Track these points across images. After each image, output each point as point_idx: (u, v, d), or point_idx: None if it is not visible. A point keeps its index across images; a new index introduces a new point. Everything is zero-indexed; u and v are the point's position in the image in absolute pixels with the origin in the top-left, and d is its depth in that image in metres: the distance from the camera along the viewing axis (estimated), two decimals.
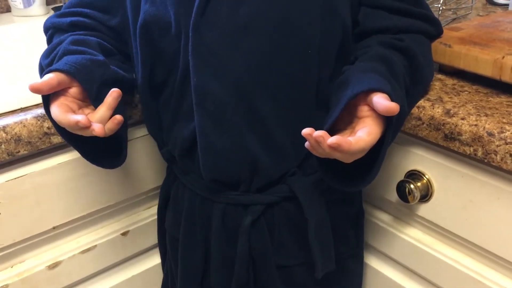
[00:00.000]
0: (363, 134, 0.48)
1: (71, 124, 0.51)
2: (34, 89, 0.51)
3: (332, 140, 0.46)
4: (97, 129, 0.51)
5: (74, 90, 0.55)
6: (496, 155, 0.54)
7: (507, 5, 0.99)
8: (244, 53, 0.56)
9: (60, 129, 0.55)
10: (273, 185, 0.63)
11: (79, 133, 0.53)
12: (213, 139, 0.59)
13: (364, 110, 0.50)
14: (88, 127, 0.50)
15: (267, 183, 0.63)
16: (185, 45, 0.58)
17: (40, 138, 0.62)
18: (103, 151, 0.60)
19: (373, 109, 0.49)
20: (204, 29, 0.55)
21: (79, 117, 0.50)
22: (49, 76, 0.52)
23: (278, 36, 0.56)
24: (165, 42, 0.60)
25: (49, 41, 0.68)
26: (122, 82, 0.61)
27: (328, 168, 0.56)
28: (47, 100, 0.54)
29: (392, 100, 0.48)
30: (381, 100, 0.47)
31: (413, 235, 0.71)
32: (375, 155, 0.52)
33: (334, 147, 0.46)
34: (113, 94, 0.54)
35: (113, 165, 0.61)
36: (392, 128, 0.50)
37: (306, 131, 0.47)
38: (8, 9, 1.08)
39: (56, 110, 0.52)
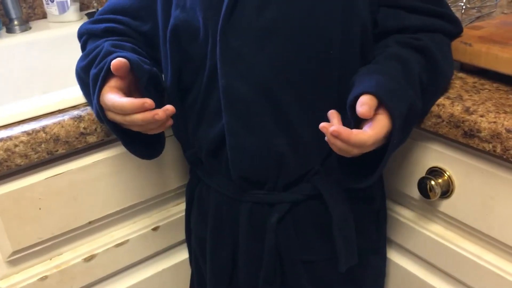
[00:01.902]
0: (366, 128, 0.52)
1: (136, 105, 0.53)
2: (119, 65, 0.55)
3: (333, 128, 0.50)
4: (161, 112, 0.54)
5: (123, 83, 0.58)
6: None
7: None
8: (269, 55, 0.59)
9: (105, 118, 0.58)
10: (298, 183, 0.65)
11: (136, 119, 0.55)
12: (242, 138, 0.62)
13: None
14: (152, 107, 0.54)
15: (292, 181, 0.65)
16: (212, 49, 0.61)
17: (77, 138, 0.66)
18: (142, 142, 0.63)
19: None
20: (231, 33, 0.58)
21: (146, 99, 0.54)
22: (123, 59, 0.55)
23: (301, 38, 0.59)
24: (193, 46, 0.63)
25: (83, 46, 0.72)
26: (160, 82, 0.65)
27: (345, 166, 0.59)
28: (100, 90, 0.57)
29: (387, 101, 0.52)
30: (358, 105, 0.51)
31: (434, 230, 0.72)
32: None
33: (335, 135, 0.50)
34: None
35: (150, 156, 0.65)
36: (398, 127, 0.53)
37: (320, 124, 0.52)
38: (44, 16, 1.13)
39: (114, 96, 0.55)
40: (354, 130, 0.51)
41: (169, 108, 0.55)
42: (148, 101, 0.54)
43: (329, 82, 0.62)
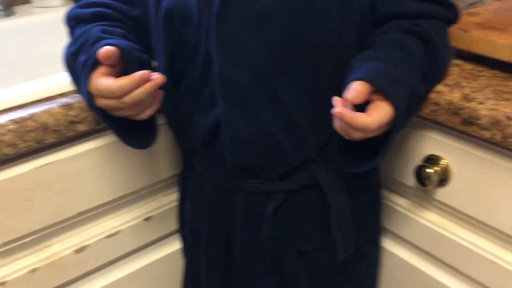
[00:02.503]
0: (370, 111, 0.52)
1: (136, 78, 0.53)
2: (106, 54, 0.53)
3: (337, 109, 0.50)
4: (159, 76, 0.54)
5: (113, 70, 0.56)
6: None
7: None
8: (266, 41, 0.58)
9: (94, 106, 0.57)
10: (295, 172, 0.64)
11: (138, 94, 0.54)
12: (238, 126, 0.61)
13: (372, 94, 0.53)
14: (150, 77, 0.53)
15: (289, 170, 0.64)
16: (206, 34, 0.59)
17: (66, 126, 0.64)
18: (134, 131, 0.61)
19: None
20: (227, 18, 0.57)
21: (142, 71, 0.53)
22: (111, 48, 0.54)
23: (299, 23, 0.58)
24: (187, 31, 0.61)
25: (71, 31, 0.69)
26: (150, 69, 0.63)
27: (344, 152, 0.58)
28: (89, 77, 0.55)
29: (386, 87, 0.52)
30: (347, 92, 0.51)
31: (430, 219, 0.72)
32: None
33: (339, 116, 0.50)
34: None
35: (143, 145, 0.63)
36: (401, 112, 0.52)
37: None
38: (27, 1, 1.10)
39: (107, 80, 0.54)
40: (358, 114, 0.50)
41: (160, 76, 0.54)
42: (146, 72, 0.53)
43: (326, 69, 0.60)
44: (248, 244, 0.67)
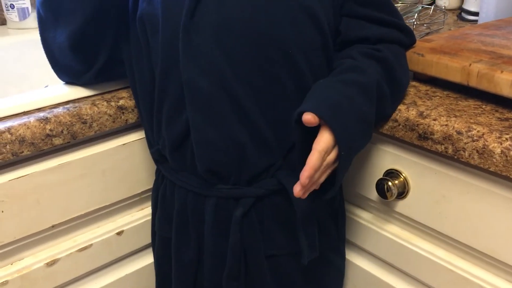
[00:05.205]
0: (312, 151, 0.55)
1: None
2: None
3: (298, 189, 0.56)
4: None
5: None
6: (464, 152, 0.60)
7: (476, 21, 1.06)
8: (226, 52, 0.61)
9: None
10: (262, 178, 0.67)
11: None
12: (205, 131, 0.63)
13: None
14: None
15: (256, 175, 0.67)
16: (169, 44, 0.63)
17: (43, 140, 0.66)
18: None
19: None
20: (193, 30, 0.60)
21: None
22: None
23: (258, 36, 0.61)
24: (154, 40, 0.65)
25: None
26: None
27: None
28: None
29: (325, 117, 0.55)
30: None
31: (391, 230, 0.76)
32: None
33: (301, 194, 0.56)
34: None
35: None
36: (342, 136, 0.56)
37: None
38: (3, 22, 1.12)
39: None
40: (304, 169, 0.55)
41: None
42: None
43: (287, 81, 0.63)
44: (217, 248, 0.69)
